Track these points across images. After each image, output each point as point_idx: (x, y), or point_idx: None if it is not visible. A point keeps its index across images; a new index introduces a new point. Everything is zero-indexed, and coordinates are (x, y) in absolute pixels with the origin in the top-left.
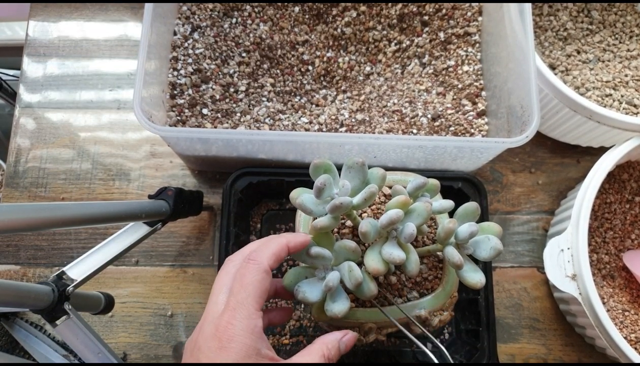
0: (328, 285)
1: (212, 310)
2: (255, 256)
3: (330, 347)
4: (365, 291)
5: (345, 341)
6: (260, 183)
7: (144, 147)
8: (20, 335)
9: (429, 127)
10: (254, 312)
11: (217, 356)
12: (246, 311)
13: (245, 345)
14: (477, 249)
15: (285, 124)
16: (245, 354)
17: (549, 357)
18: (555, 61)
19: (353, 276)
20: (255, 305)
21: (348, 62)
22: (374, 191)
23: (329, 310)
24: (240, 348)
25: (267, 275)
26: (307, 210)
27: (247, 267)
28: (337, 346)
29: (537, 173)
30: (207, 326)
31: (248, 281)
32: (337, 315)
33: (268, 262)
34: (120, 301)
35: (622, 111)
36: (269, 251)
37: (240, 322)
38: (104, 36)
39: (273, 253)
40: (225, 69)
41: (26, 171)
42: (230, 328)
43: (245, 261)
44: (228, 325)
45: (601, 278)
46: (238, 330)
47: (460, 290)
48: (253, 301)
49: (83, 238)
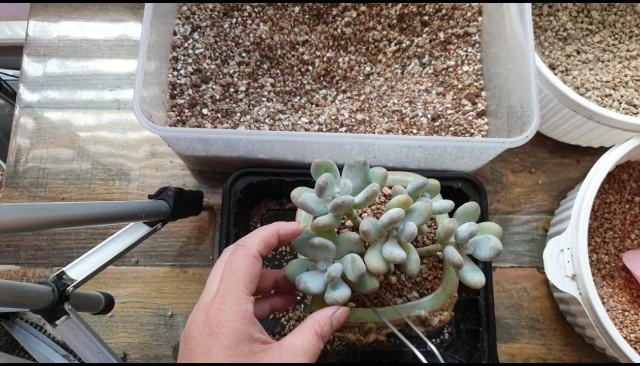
0: (330, 275)
1: (204, 298)
2: (244, 241)
3: (323, 323)
4: (367, 284)
5: (337, 316)
6: (260, 183)
7: (144, 147)
8: (20, 335)
9: (429, 127)
10: (244, 297)
11: (209, 343)
12: (235, 296)
13: (236, 329)
14: (477, 249)
15: (285, 124)
16: (237, 338)
17: (549, 357)
18: (555, 61)
19: (356, 267)
20: (245, 290)
21: (348, 62)
22: (375, 190)
23: (329, 297)
24: (232, 332)
25: (257, 260)
26: (308, 209)
27: (235, 253)
28: (329, 322)
29: (537, 173)
30: (198, 314)
31: (237, 267)
32: (338, 300)
33: (257, 248)
34: (120, 301)
35: (621, 111)
36: (258, 237)
37: (230, 307)
38: (104, 36)
39: (262, 239)
40: (225, 69)
41: (26, 171)
42: (220, 313)
43: (234, 248)
44: (218, 311)
45: (601, 278)
46: (228, 315)
47: (460, 290)
48: (242, 286)
49: (83, 238)
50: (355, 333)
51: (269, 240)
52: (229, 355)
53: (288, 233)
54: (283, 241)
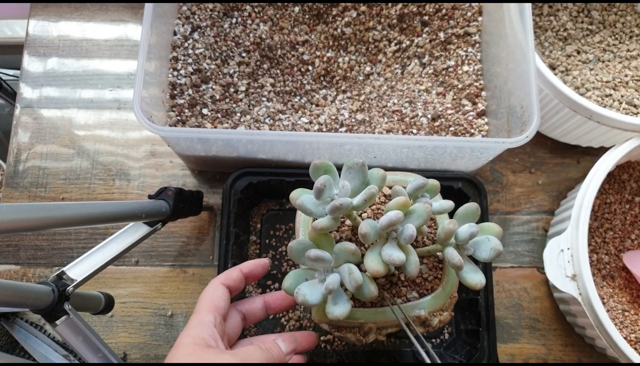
0: (328, 288)
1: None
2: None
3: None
4: (365, 293)
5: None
6: (260, 183)
7: (144, 147)
8: (20, 335)
9: (429, 127)
10: (205, 313)
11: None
12: (197, 317)
13: (191, 336)
14: (477, 250)
15: (285, 124)
16: (192, 341)
17: (549, 357)
18: (555, 61)
19: (353, 279)
20: (207, 309)
21: (348, 62)
22: (374, 192)
23: (330, 312)
24: (192, 338)
25: (220, 285)
26: (307, 211)
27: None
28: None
29: (537, 173)
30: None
31: (201, 297)
32: (339, 317)
33: (219, 279)
34: (120, 301)
35: (622, 111)
36: (223, 274)
37: (191, 328)
38: (104, 36)
39: (224, 273)
40: (225, 69)
41: (26, 171)
42: (183, 333)
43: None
44: (182, 335)
45: (601, 278)
46: (189, 331)
47: (460, 290)
48: (203, 308)
49: (83, 238)
50: (355, 333)
51: (230, 273)
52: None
53: (251, 267)
54: (248, 275)
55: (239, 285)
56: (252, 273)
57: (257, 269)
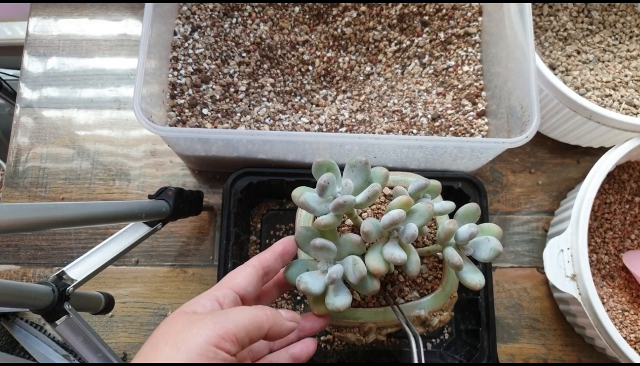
0: (331, 277)
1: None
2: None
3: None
4: (368, 286)
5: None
6: (261, 183)
7: (144, 146)
8: (20, 335)
9: (429, 127)
10: (215, 289)
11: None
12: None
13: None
14: (477, 251)
15: (285, 124)
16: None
17: (549, 357)
18: (555, 61)
19: (357, 269)
20: (220, 285)
21: (348, 62)
22: (377, 190)
23: (331, 303)
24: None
25: (247, 266)
26: (309, 208)
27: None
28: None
29: (537, 173)
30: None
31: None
32: (339, 308)
33: (250, 261)
34: (120, 301)
35: (622, 111)
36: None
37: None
38: (104, 36)
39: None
40: (226, 69)
41: (26, 171)
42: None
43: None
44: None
45: (601, 278)
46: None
47: (460, 290)
48: (218, 285)
49: (83, 238)
50: (355, 333)
51: (260, 256)
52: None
53: (284, 244)
54: (283, 253)
55: (274, 265)
56: (286, 249)
57: (289, 245)
